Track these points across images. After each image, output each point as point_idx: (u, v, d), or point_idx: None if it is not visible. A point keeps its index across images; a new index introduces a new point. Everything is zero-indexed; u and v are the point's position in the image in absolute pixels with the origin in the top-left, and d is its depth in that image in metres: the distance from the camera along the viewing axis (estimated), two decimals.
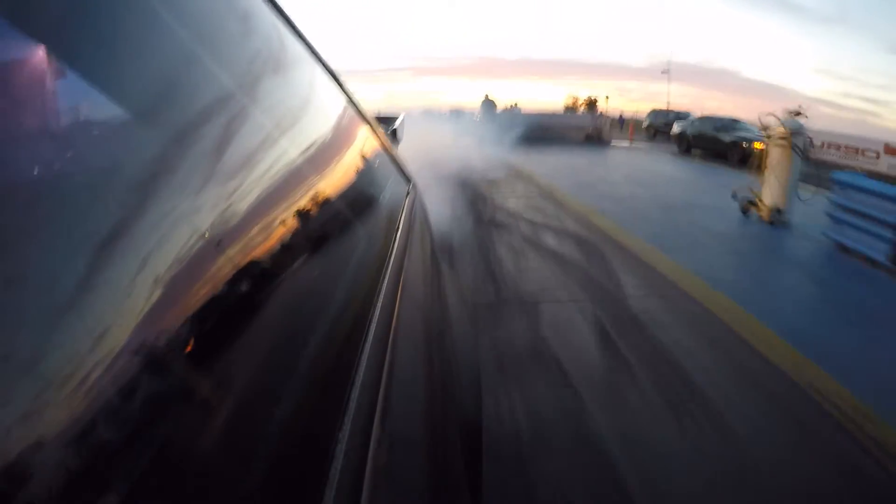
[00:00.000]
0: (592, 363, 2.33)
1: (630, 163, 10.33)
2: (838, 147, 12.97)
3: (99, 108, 0.30)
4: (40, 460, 0.19)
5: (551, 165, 8.91)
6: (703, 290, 3.27)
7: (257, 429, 0.32)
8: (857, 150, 12.53)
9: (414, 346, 0.63)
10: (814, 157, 10.82)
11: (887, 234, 3.85)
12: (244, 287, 0.36)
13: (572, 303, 3.00)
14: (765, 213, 5.20)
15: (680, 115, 16.34)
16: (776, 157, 5.16)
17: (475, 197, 5.90)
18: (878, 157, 12.04)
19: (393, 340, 0.55)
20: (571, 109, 21.17)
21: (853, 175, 4.75)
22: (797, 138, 5.10)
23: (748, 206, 5.40)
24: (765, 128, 5.51)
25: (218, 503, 0.27)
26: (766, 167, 5.29)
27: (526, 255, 3.89)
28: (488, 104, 14.53)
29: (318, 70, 0.84)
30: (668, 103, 20.83)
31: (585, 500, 1.54)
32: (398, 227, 0.91)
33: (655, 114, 19.07)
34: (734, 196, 5.63)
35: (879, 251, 3.92)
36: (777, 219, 5.09)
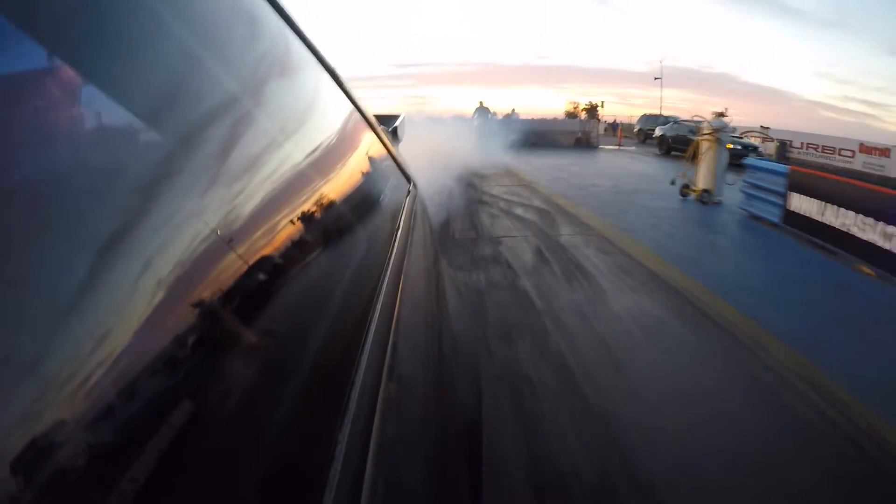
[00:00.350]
0: (527, 261, 4.12)
1: (606, 162, 11.74)
2: (817, 147, 14.14)
3: (106, 111, 0.30)
4: (41, 461, 0.19)
5: (535, 164, 10.46)
6: (619, 235, 4.93)
7: (257, 429, 0.32)
8: (834, 150, 13.71)
9: (414, 346, 0.63)
10: (793, 157, 12.03)
11: (777, 200, 5.29)
12: (244, 287, 0.36)
13: (523, 238, 4.81)
14: (697, 195, 6.62)
15: (669, 120, 16.90)
16: (705, 150, 6.62)
17: (467, 185, 7.50)
18: (853, 155, 13.17)
19: (393, 340, 0.55)
20: (573, 115, 22.21)
21: (757, 159, 6.56)
22: (721, 134, 6.52)
23: (685, 190, 6.83)
24: (697, 126, 7.10)
25: (218, 503, 0.27)
26: (698, 158, 6.72)
27: (499, 217, 5.67)
28: (482, 111, 15.91)
29: (323, 73, 0.84)
30: (661, 108, 21.92)
31: (513, 309, 3.11)
32: (398, 227, 0.90)
33: (646, 118, 19.82)
34: (673, 182, 7.07)
35: (774, 214, 5.37)
36: (706, 198, 6.50)
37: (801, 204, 4.96)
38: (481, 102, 15.97)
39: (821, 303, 3.37)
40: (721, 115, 6.92)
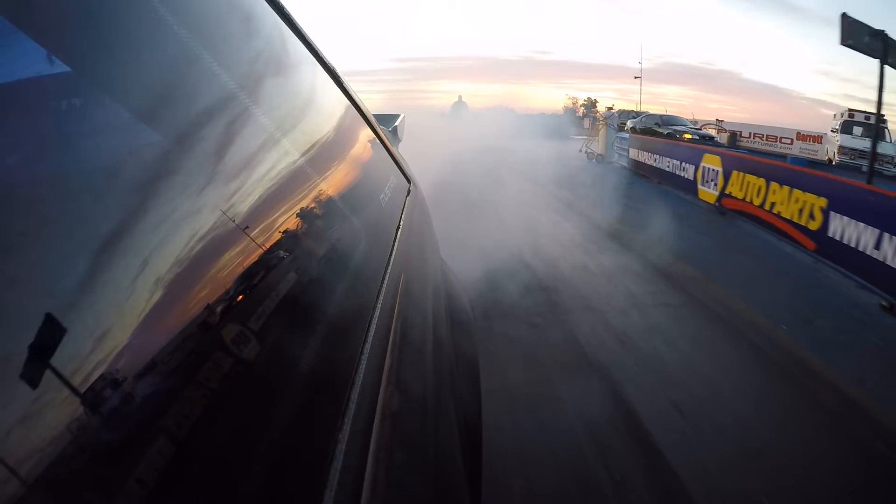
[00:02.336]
0: (481, 173, 7.77)
1: (559, 146, 14.37)
2: (762, 136, 16.19)
3: (105, 109, 0.31)
4: (41, 460, 0.19)
5: (503, 145, 13.53)
6: (527, 170, 8.65)
7: (258, 429, 0.32)
8: (776, 138, 15.78)
9: (414, 346, 0.63)
10: (741, 145, 15.79)
11: (627, 154, 9.12)
12: (245, 287, 0.36)
13: (479, 170, 8.07)
14: (595, 158, 11.09)
15: (640, 115, 18.24)
16: (600, 130, 11.30)
17: (452, 153, 10.36)
18: (791, 142, 15.33)
19: (393, 340, 0.55)
20: (571, 110, 22.83)
21: (622, 132, 10.68)
22: (610, 120, 11.68)
23: (591, 155, 11.31)
24: (600, 115, 14.29)
25: (218, 503, 0.27)
26: (598, 135, 11.32)
27: (467, 166, 8.71)
28: (459, 104, 16.90)
29: (320, 70, 0.84)
30: (640, 103, 22.71)
31: (468, 193, 6.20)
32: (399, 227, 0.90)
33: (621, 114, 21.18)
34: (581, 150, 11.76)
35: (627, 162, 9.11)
36: (600, 160, 10.86)
37: (634, 154, 8.67)
38: (460, 96, 16.77)
39: (614, 188, 7.02)
40: (610, 108, 12.00)
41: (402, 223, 0.94)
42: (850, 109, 12.41)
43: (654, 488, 1.63)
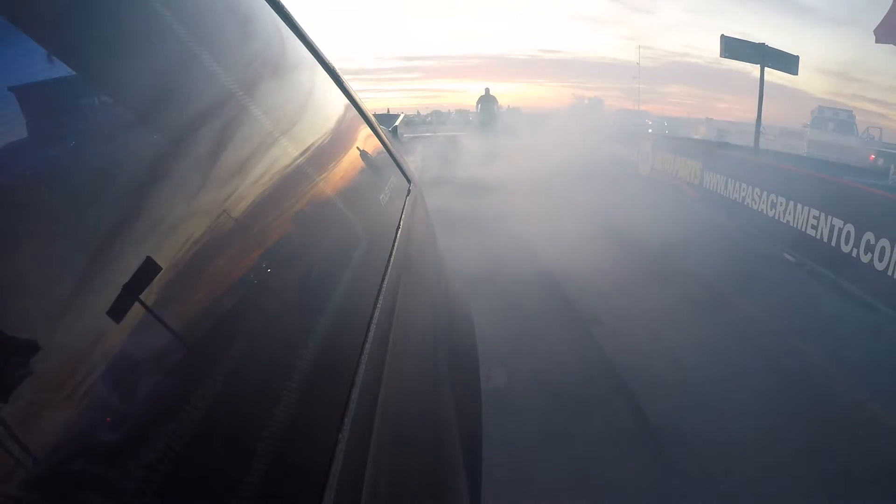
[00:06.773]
0: (491, 147, 10.68)
1: (554, 141, 16.86)
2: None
3: (106, 110, 0.31)
4: (40, 460, 0.19)
5: (503, 141, 15.44)
6: (514, 151, 9.88)
7: (258, 429, 0.32)
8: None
9: (414, 346, 0.64)
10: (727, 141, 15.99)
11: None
12: (244, 287, 0.36)
13: (480, 158, 9.59)
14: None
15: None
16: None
17: (458, 145, 11.92)
18: (774, 139, 16.69)
19: (393, 340, 0.55)
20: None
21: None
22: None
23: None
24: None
25: (219, 503, 0.27)
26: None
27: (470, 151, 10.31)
28: (488, 99, 12.63)
29: (320, 70, 0.84)
30: (638, 103, 23.25)
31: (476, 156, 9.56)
32: (399, 227, 0.91)
33: (619, 113, 21.68)
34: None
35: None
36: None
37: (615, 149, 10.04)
38: (488, 90, 12.39)
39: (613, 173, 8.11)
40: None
41: (402, 223, 0.94)
42: (820, 107, 13.35)
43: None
